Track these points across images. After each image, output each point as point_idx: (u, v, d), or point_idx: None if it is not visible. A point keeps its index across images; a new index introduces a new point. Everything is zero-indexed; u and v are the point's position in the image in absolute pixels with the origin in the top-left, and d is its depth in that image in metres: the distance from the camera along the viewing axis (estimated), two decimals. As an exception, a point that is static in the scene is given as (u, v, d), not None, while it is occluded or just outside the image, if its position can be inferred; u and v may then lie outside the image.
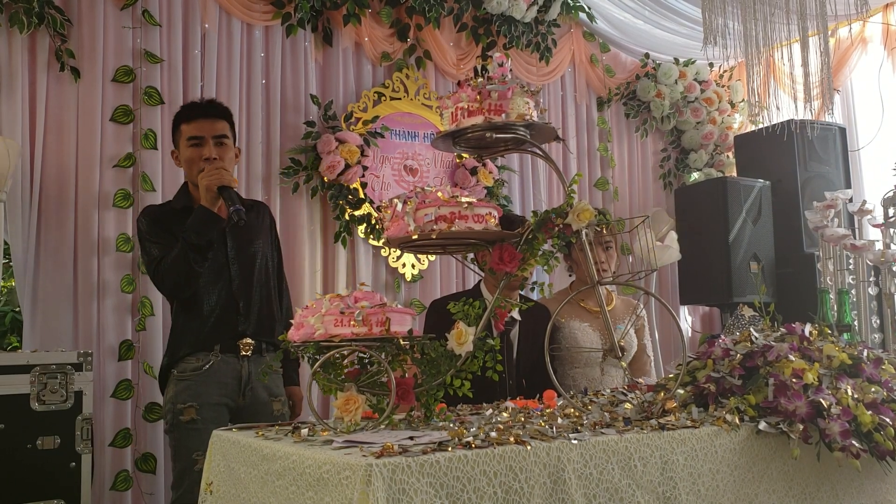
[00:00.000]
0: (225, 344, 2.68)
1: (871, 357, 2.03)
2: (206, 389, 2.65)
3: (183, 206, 2.74)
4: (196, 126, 2.74)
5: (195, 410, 2.62)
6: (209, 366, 2.66)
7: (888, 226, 3.21)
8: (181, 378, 2.67)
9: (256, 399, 2.72)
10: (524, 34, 4.89)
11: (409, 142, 4.50)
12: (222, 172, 2.63)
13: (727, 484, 1.72)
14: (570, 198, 1.89)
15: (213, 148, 2.72)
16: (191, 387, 2.65)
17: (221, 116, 2.80)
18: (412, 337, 1.81)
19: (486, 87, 1.85)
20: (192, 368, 2.67)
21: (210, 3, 3.91)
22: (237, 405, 2.70)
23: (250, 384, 2.70)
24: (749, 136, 5.25)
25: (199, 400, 2.63)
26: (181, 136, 2.77)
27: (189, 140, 2.74)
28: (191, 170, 2.74)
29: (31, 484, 2.79)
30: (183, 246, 2.58)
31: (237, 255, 2.77)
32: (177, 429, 2.65)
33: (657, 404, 1.88)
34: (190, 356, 2.68)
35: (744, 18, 3.03)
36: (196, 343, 2.68)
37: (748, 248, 4.79)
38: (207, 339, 2.68)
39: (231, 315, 2.70)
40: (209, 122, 2.76)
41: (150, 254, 2.69)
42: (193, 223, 2.60)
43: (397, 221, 1.85)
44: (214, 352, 2.67)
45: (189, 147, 2.74)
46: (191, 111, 2.80)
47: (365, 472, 1.33)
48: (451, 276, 4.56)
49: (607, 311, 3.16)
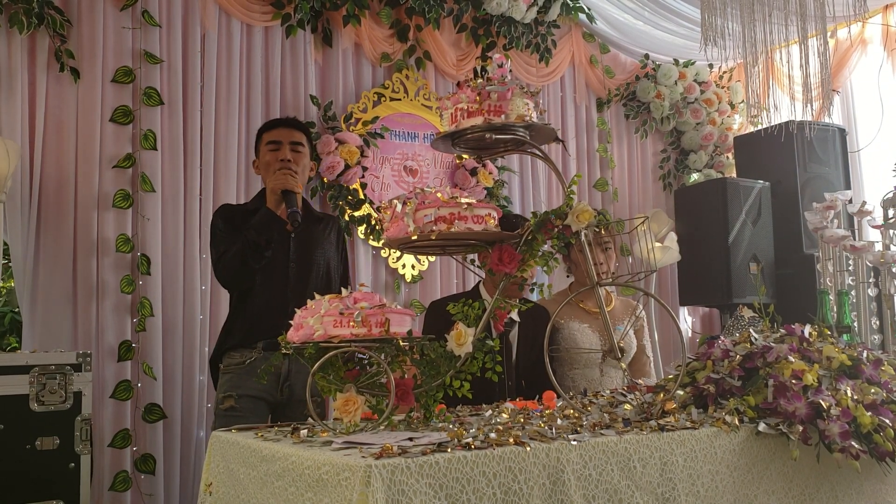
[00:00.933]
0: (268, 343, 2.77)
1: (870, 358, 2.03)
2: (245, 382, 2.77)
3: (255, 208, 2.90)
4: (275, 133, 2.97)
5: (234, 399, 2.77)
6: (250, 361, 2.79)
7: (888, 227, 3.21)
8: (226, 371, 2.84)
9: (294, 395, 2.83)
10: (524, 35, 4.89)
11: (408, 142, 4.50)
12: (288, 177, 2.81)
13: (726, 485, 1.72)
14: (569, 199, 1.89)
15: (288, 152, 2.92)
16: (232, 379, 2.80)
17: (300, 128, 3.03)
18: (412, 338, 1.81)
19: (485, 87, 1.85)
20: (235, 363, 2.82)
21: (210, 4, 3.91)
22: (276, 400, 2.82)
23: (289, 380, 2.82)
24: (749, 137, 5.25)
25: (238, 391, 2.77)
26: (261, 144, 2.99)
27: (268, 144, 2.95)
28: (267, 172, 2.92)
29: (30, 484, 2.79)
30: (242, 242, 2.75)
31: (297, 259, 2.90)
32: (218, 418, 2.78)
33: (656, 405, 1.88)
34: (234, 351, 2.84)
35: (743, 19, 3.03)
36: (241, 339, 2.83)
37: (748, 249, 4.79)
38: (252, 337, 2.81)
39: (280, 317, 2.72)
40: (287, 130, 2.99)
41: (216, 248, 2.86)
42: (255, 222, 2.78)
43: (397, 222, 1.85)
44: (257, 349, 2.81)
45: (267, 151, 2.94)
46: (273, 122, 3.08)
47: (364, 474, 1.33)
48: (451, 277, 4.56)
49: (607, 312, 3.18)
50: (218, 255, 2.84)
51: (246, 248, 2.74)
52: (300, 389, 2.81)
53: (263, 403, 2.80)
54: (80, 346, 3.40)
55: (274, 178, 2.83)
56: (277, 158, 2.90)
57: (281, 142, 2.94)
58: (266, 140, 2.97)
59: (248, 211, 2.90)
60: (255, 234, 2.74)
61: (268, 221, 2.78)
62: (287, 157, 2.90)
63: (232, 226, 2.86)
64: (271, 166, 2.89)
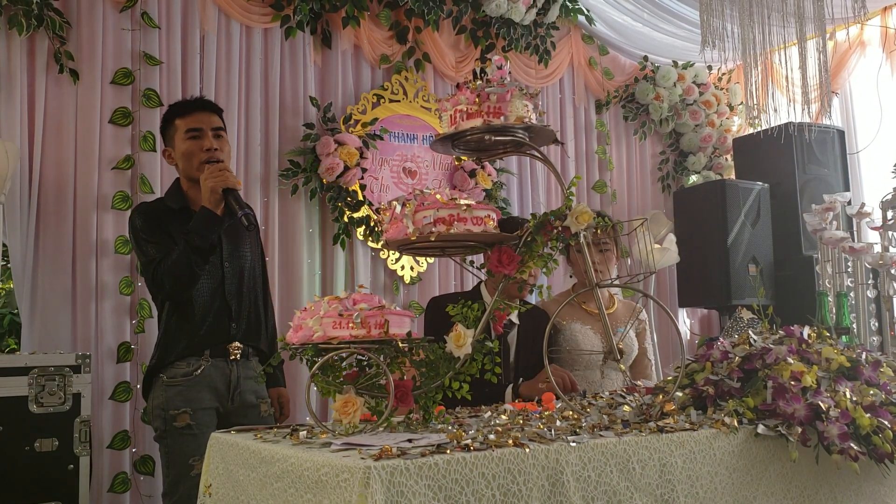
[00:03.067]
0: (215, 349, 2.65)
1: (869, 360, 2.02)
2: (197, 395, 2.61)
3: (180, 207, 2.69)
4: (193, 119, 2.71)
5: (189, 416, 2.58)
6: (200, 371, 2.62)
7: (887, 228, 3.21)
8: (172, 383, 2.61)
9: (244, 402, 2.70)
10: (523, 37, 4.90)
11: (407, 144, 4.50)
12: (227, 174, 2.58)
13: (725, 486, 1.72)
14: (568, 200, 1.89)
15: (212, 140, 2.70)
16: (182, 392, 2.60)
17: (216, 111, 2.79)
18: (411, 339, 1.81)
19: (484, 89, 1.85)
20: (182, 374, 2.62)
21: (209, 6, 3.92)
22: (226, 409, 2.67)
23: (239, 388, 2.68)
24: (747, 138, 5.26)
25: (192, 405, 2.59)
26: (176, 132, 2.73)
27: (187, 132, 2.70)
28: (189, 163, 2.69)
29: (29, 486, 2.78)
30: (185, 248, 2.53)
31: (230, 257, 2.73)
32: (169, 435, 2.59)
33: (656, 407, 1.88)
34: (180, 361, 2.63)
35: (742, 21, 3.04)
36: (188, 348, 2.64)
37: (747, 250, 4.79)
38: (199, 344, 2.64)
39: (224, 319, 2.68)
40: (206, 114, 2.74)
41: (146, 254, 2.63)
42: (197, 225, 2.55)
43: (396, 223, 1.85)
44: (205, 356, 2.63)
45: (187, 140, 2.69)
46: (185, 106, 2.78)
47: (363, 475, 1.33)
48: (450, 279, 4.56)
49: (609, 314, 3.18)
50: (151, 262, 2.60)
51: (190, 253, 2.52)
52: (249, 395, 2.70)
53: (214, 413, 2.66)
54: (80, 347, 3.40)
55: (211, 175, 2.57)
56: (202, 148, 2.67)
57: (202, 128, 2.69)
58: (183, 128, 2.70)
59: (172, 210, 2.68)
60: (198, 238, 2.52)
61: (210, 223, 2.55)
62: (213, 145, 2.68)
63: (155, 227, 2.64)
64: (195, 156, 2.67)
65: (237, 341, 2.68)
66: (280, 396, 2.88)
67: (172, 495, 2.61)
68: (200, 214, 2.57)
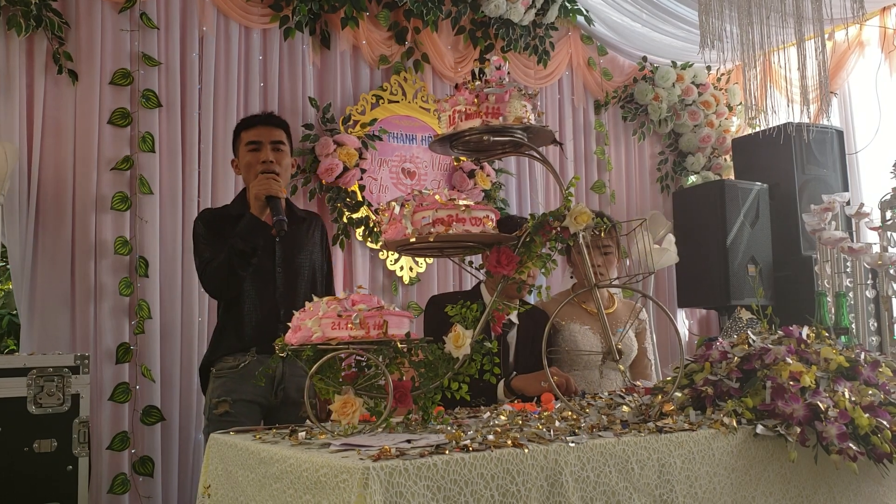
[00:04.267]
0: (262, 347, 2.74)
1: (868, 360, 2.03)
2: (240, 386, 2.73)
3: (238, 213, 2.82)
4: (255, 132, 2.87)
5: (228, 404, 2.71)
6: (244, 365, 2.75)
7: (885, 229, 3.22)
8: (219, 375, 2.77)
9: (288, 398, 2.80)
10: (522, 37, 4.90)
11: (406, 145, 4.50)
12: (271, 182, 2.72)
13: (724, 487, 1.72)
14: (567, 201, 1.89)
15: (270, 152, 2.84)
16: (226, 383, 2.74)
17: (279, 126, 2.93)
18: (410, 340, 1.81)
19: (483, 90, 1.85)
20: (228, 367, 2.77)
21: (208, 6, 3.91)
22: (269, 403, 2.79)
23: (283, 384, 2.79)
24: (746, 139, 5.26)
25: (233, 395, 2.72)
26: (240, 143, 2.90)
27: (248, 145, 2.86)
28: (248, 174, 2.85)
29: (27, 487, 2.78)
30: (228, 251, 2.68)
31: (284, 264, 2.85)
32: (211, 423, 2.72)
33: (654, 407, 1.88)
34: (228, 356, 2.78)
35: (741, 22, 3.04)
36: (235, 345, 2.78)
37: (746, 251, 4.80)
38: (246, 342, 2.77)
39: (272, 322, 2.76)
40: (267, 129, 2.89)
41: (200, 255, 2.81)
42: (240, 229, 2.71)
43: (395, 224, 1.85)
44: (251, 353, 2.76)
45: (248, 152, 2.86)
46: (251, 120, 2.97)
47: (362, 476, 1.33)
48: (448, 279, 4.56)
49: (609, 314, 3.18)
50: (203, 263, 2.79)
51: (232, 256, 2.68)
52: (294, 392, 2.80)
53: (257, 407, 2.77)
54: (79, 348, 3.39)
55: (257, 183, 2.74)
56: (259, 160, 2.82)
57: (261, 141, 2.85)
58: (245, 140, 2.88)
59: (232, 216, 2.83)
60: (240, 242, 2.68)
61: (253, 228, 2.70)
62: (269, 157, 2.83)
63: (214, 232, 2.81)
64: (253, 168, 2.82)
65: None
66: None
67: None
68: (245, 219, 2.73)
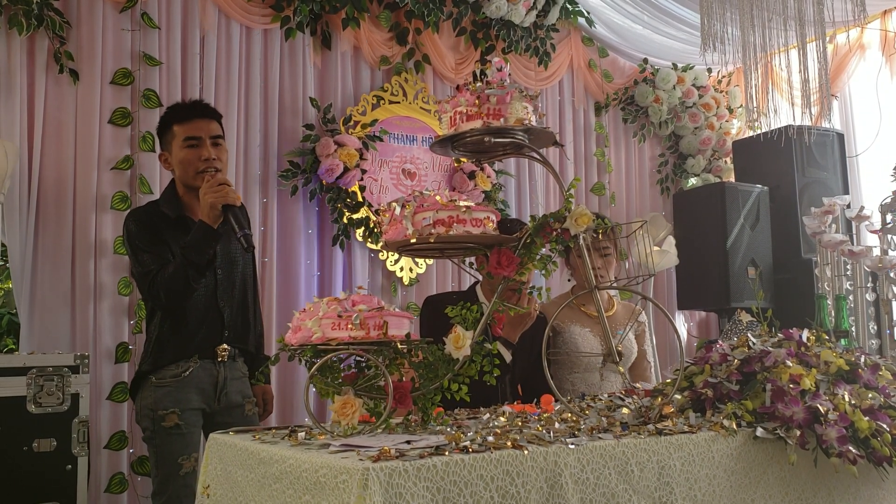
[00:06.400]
0: (204, 352, 2.66)
1: (868, 363, 2.03)
2: (185, 395, 2.62)
3: (177, 215, 2.67)
4: (192, 126, 2.68)
5: (177, 416, 2.60)
6: (189, 372, 2.63)
7: (885, 231, 3.22)
8: (161, 384, 2.62)
9: (230, 402, 2.72)
10: (523, 39, 4.90)
11: (407, 145, 4.50)
12: (227, 190, 2.55)
13: (724, 489, 1.72)
14: (568, 202, 1.89)
15: (210, 149, 2.67)
16: (171, 393, 2.61)
17: (215, 117, 2.75)
18: (410, 341, 1.81)
19: (484, 91, 1.85)
20: (171, 375, 2.63)
21: (209, 6, 3.91)
22: (212, 409, 2.69)
23: (225, 388, 2.70)
24: (747, 141, 5.26)
25: (180, 405, 2.61)
26: (174, 138, 2.70)
27: (185, 141, 2.67)
28: (186, 171, 2.67)
29: (26, 487, 2.78)
30: (182, 263, 2.53)
31: (223, 263, 2.72)
32: (158, 435, 2.60)
33: (654, 409, 1.88)
34: (171, 364, 2.64)
35: (742, 24, 3.04)
36: (179, 352, 2.64)
37: (746, 253, 4.80)
38: (188, 349, 2.65)
39: (215, 324, 2.69)
40: (205, 122, 2.70)
41: (142, 263, 2.61)
42: (194, 241, 2.54)
43: (395, 225, 1.85)
44: (194, 359, 2.65)
45: (185, 148, 2.66)
46: (185, 111, 2.73)
47: (362, 477, 1.33)
48: (448, 280, 4.56)
49: (608, 316, 3.18)
50: (146, 272, 2.59)
51: (187, 268, 2.52)
52: (235, 395, 2.73)
53: (201, 414, 2.68)
54: (78, 347, 3.39)
55: (210, 191, 2.53)
56: (199, 157, 2.64)
57: (201, 137, 2.66)
58: (181, 135, 2.67)
59: (169, 217, 2.67)
60: (195, 254, 2.52)
61: (209, 239, 2.54)
62: (210, 155, 2.65)
63: (151, 234, 2.63)
64: (192, 165, 2.64)
65: (226, 344, 2.71)
66: (265, 393, 2.93)
67: (162, 495, 2.61)
68: (198, 229, 2.55)
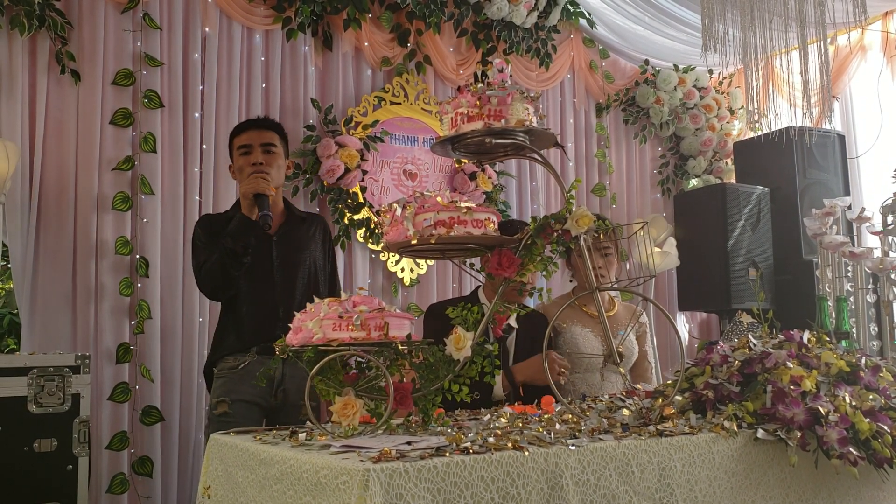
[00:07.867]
0: (262, 347, 2.76)
1: (869, 364, 2.03)
2: (239, 387, 2.76)
3: (233, 215, 2.86)
4: (246, 136, 2.92)
5: (227, 405, 2.75)
6: (244, 365, 2.78)
7: (887, 233, 3.21)
8: (220, 375, 2.82)
9: (288, 400, 2.82)
10: (524, 40, 4.90)
11: (408, 146, 4.50)
12: (259, 181, 2.75)
13: (724, 491, 1.72)
14: (569, 203, 1.89)
15: (260, 154, 2.87)
16: (226, 384, 2.78)
17: (270, 128, 2.97)
18: (411, 341, 1.81)
19: (485, 92, 1.85)
20: (229, 367, 2.80)
21: (211, 7, 3.92)
22: (269, 405, 2.82)
23: (283, 385, 2.81)
24: (748, 142, 5.26)
25: (232, 396, 2.75)
26: (234, 149, 2.95)
27: (239, 149, 2.91)
28: (241, 177, 2.89)
29: (27, 487, 2.78)
30: (220, 251, 2.73)
31: (282, 264, 2.88)
32: (212, 422, 2.75)
33: (655, 410, 1.88)
34: (229, 356, 2.82)
35: (743, 25, 3.04)
36: (234, 345, 2.82)
37: (747, 254, 4.79)
38: (245, 342, 2.81)
39: (271, 321, 2.78)
40: (258, 132, 2.93)
41: (196, 258, 2.86)
42: (230, 229, 2.75)
43: (396, 226, 1.86)
44: (251, 353, 2.79)
45: (240, 156, 2.90)
46: (242, 125, 3.01)
47: (362, 477, 1.33)
48: (448, 281, 4.56)
49: (609, 317, 3.18)
50: (197, 265, 2.84)
51: (223, 256, 2.72)
52: (294, 394, 2.80)
53: (257, 408, 2.79)
54: (79, 348, 3.39)
55: (245, 182, 2.79)
56: (249, 163, 2.86)
57: (251, 145, 2.89)
58: (237, 145, 2.93)
59: (228, 219, 2.86)
60: (230, 241, 2.71)
61: (243, 227, 2.74)
62: (259, 160, 2.86)
63: (209, 235, 2.85)
64: (244, 171, 2.86)
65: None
66: None
67: None
68: (235, 219, 2.77)
